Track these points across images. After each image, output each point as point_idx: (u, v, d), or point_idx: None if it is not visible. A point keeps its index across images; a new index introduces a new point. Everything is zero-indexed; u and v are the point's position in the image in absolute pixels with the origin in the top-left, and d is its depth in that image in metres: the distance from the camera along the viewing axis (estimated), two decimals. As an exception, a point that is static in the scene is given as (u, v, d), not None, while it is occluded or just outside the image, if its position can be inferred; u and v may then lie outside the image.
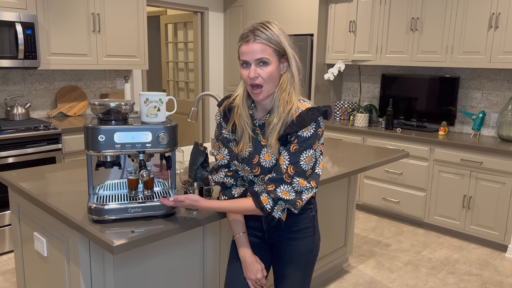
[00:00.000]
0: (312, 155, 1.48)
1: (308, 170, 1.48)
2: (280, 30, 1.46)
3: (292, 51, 1.48)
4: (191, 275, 1.95)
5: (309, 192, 1.50)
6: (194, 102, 2.39)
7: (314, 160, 1.50)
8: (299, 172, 1.47)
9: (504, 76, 3.86)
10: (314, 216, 1.66)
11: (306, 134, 1.47)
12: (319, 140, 1.50)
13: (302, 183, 1.48)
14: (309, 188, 1.50)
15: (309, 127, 1.47)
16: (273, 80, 1.46)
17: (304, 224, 1.62)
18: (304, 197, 1.50)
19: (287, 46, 1.47)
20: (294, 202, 1.48)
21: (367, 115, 4.41)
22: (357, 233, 3.87)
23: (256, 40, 1.42)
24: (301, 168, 1.47)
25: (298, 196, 1.49)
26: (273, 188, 1.48)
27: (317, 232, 1.67)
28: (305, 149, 1.47)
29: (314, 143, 1.48)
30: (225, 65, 5.60)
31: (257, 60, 1.43)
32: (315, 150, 1.49)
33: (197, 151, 1.85)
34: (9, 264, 3.10)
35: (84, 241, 1.57)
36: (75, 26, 3.71)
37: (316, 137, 1.48)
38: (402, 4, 4.07)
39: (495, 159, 3.47)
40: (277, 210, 1.50)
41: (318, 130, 1.49)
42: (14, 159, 3.20)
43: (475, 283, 3.03)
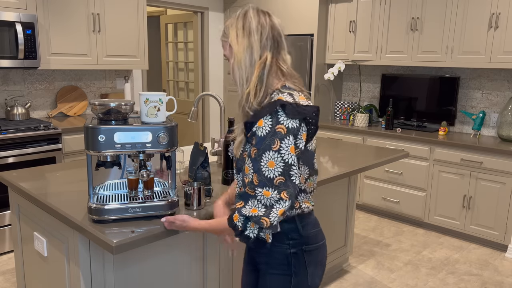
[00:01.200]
0: (275, 158, 1.22)
1: (275, 178, 1.22)
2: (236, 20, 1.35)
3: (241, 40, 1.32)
4: (191, 275, 1.95)
5: (279, 207, 1.22)
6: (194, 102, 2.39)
7: (281, 165, 1.22)
8: (263, 181, 1.22)
9: (504, 76, 3.86)
10: (295, 255, 1.35)
11: (262, 132, 1.24)
12: (283, 140, 1.22)
13: (266, 194, 1.22)
14: (278, 201, 1.22)
15: (263, 121, 1.24)
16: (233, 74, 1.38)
17: (276, 259, 1.36)
18: (274, 214, 1.22)
19: (232, 38, 1.34)
20: (258, 219, 1.22)
21: (367, 115, 4.41)
22: (357, 233, 3.87)
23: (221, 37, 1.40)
24: (263, 175, 1.22)
25: (267, 211, 1.22)
26: (241, 205, 1.27)
27: (302, 275, 1.36)
28: (264, 152, 1.22)
29: (273, 143, 1.22)
30: (225, 65, 5.60)
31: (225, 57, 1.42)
32: (278, 152, 1.22)
33: (197, 151, 1.85)
34: (9, 264, 3.10)
35: (84, 241, 1.57)
36: (75, 26, 3.71)
37: (274, 135, 1.22)
38: (402, 4, 4.07)
39: (495, 159, 3.47)
40: (251, 227, 1.25)
41: (277, 127, 1.23)
42: (14, 159, 3.20)
43: (475, 283, 3.03)
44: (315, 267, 1.40)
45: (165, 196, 1.63)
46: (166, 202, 1.56)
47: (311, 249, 1.38)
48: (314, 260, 1.39)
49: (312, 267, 1.39)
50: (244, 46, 1.32)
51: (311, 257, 1.38)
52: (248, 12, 1.35)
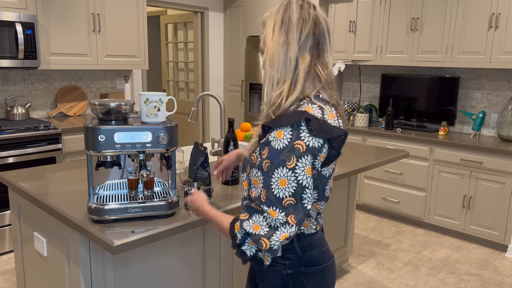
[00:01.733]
0: (288, 177, 1.08)
1: (286, 198, 1.09)
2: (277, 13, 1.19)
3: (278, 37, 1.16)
4: (191, 275, 1.95)
5: (284, 231, 1.09)
6: (194, 102, 2.39)
7: (295, 186, 1.09)
8: (271, 199, 1.10)
9: (504, 76, 3.86)
10: (292, 277, 1.23)
11: (278, 145, 1.09)
12: (300, 158, 1.08)
13: (273, 214, 1.09)
14: (284, 224, 1.09)
15: (282, 133, 1.10)
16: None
17: (271, 278, 1.25)
18: (275, 237, 1.09)
19: (268, 31, 1.19)
20: (258, 239, 1.10)
21: (367, 115, 4.41)
22: (357, 233, 3.87)
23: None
24: (272, 193, 1.09)
25: (269, 233, 1.10)
26: (246, 217, 1.15)
27: None
28: (276, 167, 1.09)
29: (289, 160, 1.08)
30: (225, 65, 5.60)
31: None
32: (293, 171, 1.08)
33: (197, 151, 1.85)
34: (9, 264, 3.10)
35: (84, 241, 1.57)
36: (75, 26, 3.71)
37: (292, 151, 1.08)
38: (402, 4, 4.07)
39: (495, 159, 3.47)
40: (249, 244, 1.13)
41: (296, 142, 1.08)
42: (14, 159, 3.20)
43: (475, 283, 3.03)
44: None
45: (165, 196, 1.63)
46: (166, 202, 1.56)
47: (312, 272, 1.25)
48: (317, 283, 1.25)
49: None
50: (279, 42, 1.16)
51: (312, 280, 1.25)
52: (291, 4, 1.18)
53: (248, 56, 5.11)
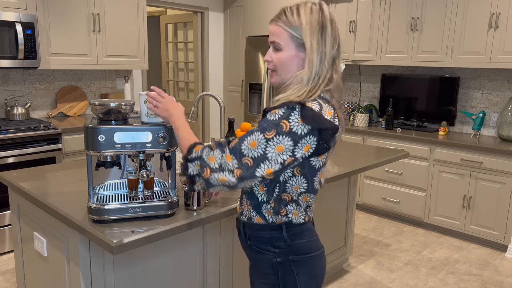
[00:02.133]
0: (260, 142, 1.17)
1: (246, 157, 1.18)
2: (312, 17, 1.24)
3: (317, 46, 1.23)
4: (191, 275, 1.95)
5: (225, 176, 1.18)
6: (194, 102, 2.39)
7: (260, 153, 1.17)
8: (235, 150, 1.19)
9: (504, 76, 3.86)
10: (281, 265, 1.30)
11: (269, 117, 1.20)
12: (279, 135, 1.16)
13: (228, 158, 1.19)
14: (230, 172, 1.18)
15: (277, 110, 1.19)
16: (285, 67, 1.28)
17: (262, 267, 1.34)
18: (216, 175, 1.19)
19: (306, 35, 1.23)
20: (204, 166, 1.21)
21: (367, 115, 4.41)
22: (357, 233, 3.87)
23: (276, 22, 1.28)
24: (240, 147, 1.19)
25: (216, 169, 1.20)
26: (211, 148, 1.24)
27: (291, 286, 1.31)
28: (256, 131, 1.19)
29: (269, 130, 1.17)
30: (225, 65, 5.60)
31: (271, 43, 1.30)
32: (267, 140, 1.17)
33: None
34: (9, 264, 3.10)
35: (84, 241, 1.57)
36: (75, 26, 3.71)
37: (276, 125, 1.17)
38: (402, 4, 4.07)
39: (495, 159, 3.47)
40: (196, 166, 1.23)
41: (282, 121, 1.17)
42: (14, 159, 3.20)
43: (475, 283, 3.03)
44: (308, 280, 1.33)
45: (165, 196, 1.63)
46: (166, 202, 1.57)
47: (300, 260, 1.31)
48: (305, 271, 1.32)
49: (303, 278, 1.31)
50: (319, 47, 1.24)
51: (301, 268, 1.31)
52: (323, 7, 1.27)
53: (248, 56, 5.11)
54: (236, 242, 2.13)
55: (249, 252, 1.40)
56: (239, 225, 1.44)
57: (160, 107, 1.44)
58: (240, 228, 1.43)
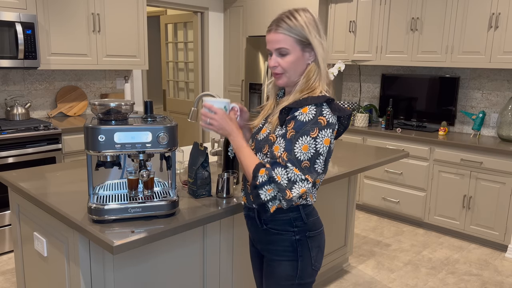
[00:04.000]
0: (310, 143, 1.33)
1: (304, 161, 1.32)
2: (307, 19, 1.41)
3: (319, 41, 1.42)
4: (191, 275, 1.95)
5: (302, 185, 1.32)
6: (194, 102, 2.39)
7: (313, 152, 1.33)
8: (293, 160, 1.32)
9: (504, 76, 3.86)
10: (300, 241, 1.46)
11: (304, 118, 1.35)
12: (321, 130, 1.34)
13: (296, 171, 1.31)
14: (304, 180, 1.32)
15: (308, 109, 1.35)
16: (294, 69, 1.43)
17: (281, 246, 1.47)
18: (296, 190, 1.32)
19: (312, 37, 1.40)
20: (283, 189, 1.31)
21: (367, 115, 4.41)
22: (357, 233, 3.87)
23: (277, 30, 1.42)
24: (295, 156, 1.32)
25: (289, 185, 1.31)
26: (270, 168, 1.35)
27: (307, 259, 1.47)
28: (301, 136, 1.33)
29: (312, 130, 1.33)
30: (225, 65, 5.60)
31: (276, 49, 1.43)
32: (314, 139, 1.33)
33: (196, 151, 1.85)
34: (9, 264, 3.10)
35: (84, 241, 1.57)
36: (75, 26, 3.71)
37: (316, 124, 1.34)
38: (402, 4, 4.07)
39: (495, 159, 3.47)
40: (267, 191, 1.34)
41: (319, 117, 1.34)
42: (14, 159, 3.20)
43: (475, 283, 3.03)
44: (317, 252, 1.50)
45: (165, 196, 1.63)
46: (166, 202, 1.57)
47: (314, 235, 1.49)
48: (317, 245, 1.50)
49: (315, 251, 1.49)
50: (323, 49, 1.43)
51: (314, 242, 1.49)
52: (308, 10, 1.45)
53: (248, 56, 5.11)
54: (236, 241, 2.13)
55: (264, 236, 1.50)
56: (253, 213, 1.53)
57: (214, 124, 1.48)
58: (255, 215, 1.51)
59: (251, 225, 1.57)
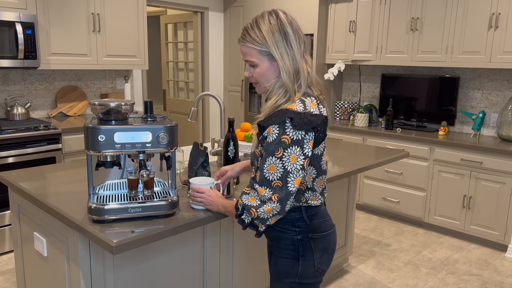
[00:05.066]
0: (276, 164, 1.33)
1: (273, 181, 1.34)
2: (271, 27, 1.36)
3: (284, 51, 1.37)
4: (191, 275, 1.95)
5: (268, 205, 1.35)
6: (194, 102, 2.39)
7: (282, 171, 1.33)
8: (262, 180, 1.35)
9: (504, 76, 3.86)
10: (301, 241, 1.47)
11: (270, 138, 1.34)
12: (286, 149, 1.32)
13: (261, 191, 1.35)
14: (269, 200, 1.34)
15: (271, 129, 1.34)
16: (266, 79, 1.42)
17: (283, 243, 1.49)
18: (262, 209, 1.36)
19: (273, 49, 1.37)
20: (249, 208, 1.38)
21: (367, 115, 4.41)
22: (357, 233, 3.87)
23: (241, 42, 1.43)
24: (264, 176, 1.35)
25: (259, 205, 1.36)
26: (248, 191, 1.42)
27: (309, 260, 1.47)
28: (268, 156, 1.34)
29: (277, 151, 1.32)
30: (225, 65, 5.60)
31: (246, 61, 1.45)
32: (280, 159, 1.32)
33: (196, 151, 1.85)
34: (9, 264, 3.10)
35: (84, 241, 1.57)
36: (75, 26, 3.71)
37: (279, 144, 1.32)
38: (402, 4, 4.07)
39: (495, 159, 3.47)
40: (246, 214, 1.40)
41: (282, 137, 1.32)
42: (14, 159, 3.20)
43: (475, 283, 3.03)
44: (322, 254, 1.50)
45: (165, 196, 1.63)
46: (166, 202, 1.57)
47: (318, 237, 1.49)
48: (322, 247, 1.49)
49: (319, 253, 1.49)
50: (288, 55, 1.38)
51: (318, 244, 1.49)
52: (279, 14, 1.39)
53: (248, 56, 5.10)
54: (236, 241, 2.13)
55: (270, 232, 1.52)
56: None
57: (204, 201, 1.63)
58: None
59: None
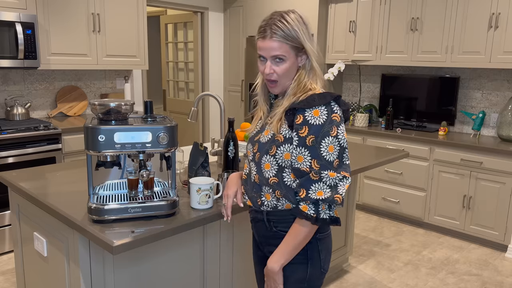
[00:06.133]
0: (333, 143, 1.33)
1: (334, 160, 1.33)
2: (298, 23, 1.40)
3: (311, 44, 1.41)
4: (191, 275, 1.95)
5: (344, 183, 1.34)
6: (194, 102, 2.39)
7: (338, 149, 1.34)
8: (325, 165, 1.32)
9: (504, 76, 3.86)
10: (309, 244, 1.43)
11: (319, 121, 1.33)
12: (339, 127, 1.34)
13: (332, 175, 1.32)
14: (342, 179, 1.33)
15: (319, 112, 1.33)
16: (288, 75, 1.42)
17: None
18: (341, 190, 1.33)
19: (305, 41, 1.39)
20: (331, 199, 1.32)
21: (367, 115, 4.41)
22: (357, 233, 3.87)
23: (272, 37, 1.39)
24: (325, 159, 1.32)
25: (334, 191, 1.32)
26: (304, 194, 1.33)
27: (316, 262, 1.45)
28: (323, 138, 1.32)
29: (331, 130, 1.33)
30: (225, 65, 5.60)
31: (273, 56, 1.41)
32: (336, 137, 1.33)
33: (196, 151, 1.85)
34: (9, 264, 3.10)
35: (84, 241, 1.57)
36: (75, 26, 3.71)
37: (332, 122, 1.33)
38: (402, 4, 4.07)
39: (495, 159, 3.47)
40: (323, 210, 1.33)
41: (333, 115, 1.34)
42: (14, 159, 3.20)
43: (475, 283, 3.03)
44: (326, 254, 1.49)
45: (165, 196, 1.63)
46: (166, 202, 1.57)
47: (323, 237, 1.47)
48: (326, 247, 1.49)
49: (324, 253, 1.48)
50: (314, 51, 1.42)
51: (323, 244, 1.47)
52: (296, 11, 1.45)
53: (248, 56, 5.11)
54: (236, 241, 2.13)
55: (273, 239, 1.47)
56: (261, 216, 1.50)
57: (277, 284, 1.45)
58: (263, 218, 1.49)
59: (259, 228, 1.53)
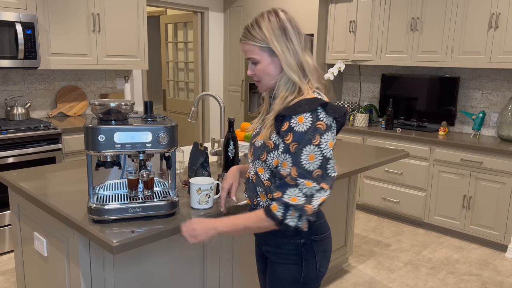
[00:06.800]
0: (315, 152, 1.29)
1: (314, 170, 1.30)
2: (271, 25, 1.38)
3: (284, 46, 1.37)
4: (191, 275, 1.95)
5: (321, 195, 1.31)
6: (194, 102, 2.39)
7: (321, 159, 1.30)
8: (303, 173, 1.29)
9: (504, 76, 3.86)
10: (304, 245, 1.43)
11: (302, 128, 1.30)
12: (323, 135, 1.30)
13: (308, 184, 1.29)
14: (320, 190, 1.31)
15: (303, 118, 1.31)
16: (268, 75, 1.42)
17: (286, 249, 1.44)
18: (315, 201, 1.30)
19: (273, 44, 1.37)
20: (302, 207, 1.30)
21: (367, 115, 4.41)
22: (357, 233, 3.87)
23: (243, 41, 1.44)
24: (304, 168, 1.29)
25: (308, 200, 1.30)
26: (279, 195, 1.31)
27: (311, 263, 1.45)
28: (304, 146, 1.29)
29: (314, 138, 1.29)
30: (225, 65, 5.60)
31: (248, 58, 1.45)
32: (318, 146, 1.30)
33: (196, 151, 1.85)
34: (9, 264, 3.10)
35: (84, 241, 1.57)
36: (75, 26, 3.71)
37: (315, 131, 1.30)
38: (402, 4, 4.07)
39: (495, 159, 3.47)
40: (291, 216, 1.31)
41: (317, 123, 1.30)
42: (14, 159, 3.20)
43: (475, 283, 3.03)
44: (323, 256, 1.48)
45: (165, 196, 1.63)
46: (166, 202, 1.57)
47: (320, 239, 1.46)
48: (322, 249, 1.47)
49: (320, 255, 1.47)
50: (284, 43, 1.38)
51: (320, 246, 1.46)
52: (278, 12, 1.42)
53: (248, 56, 5.10)
54: (236, 242, 2.13)
55: (269, 238, 1.47)
56: None
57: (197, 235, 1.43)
58: None
59: None
